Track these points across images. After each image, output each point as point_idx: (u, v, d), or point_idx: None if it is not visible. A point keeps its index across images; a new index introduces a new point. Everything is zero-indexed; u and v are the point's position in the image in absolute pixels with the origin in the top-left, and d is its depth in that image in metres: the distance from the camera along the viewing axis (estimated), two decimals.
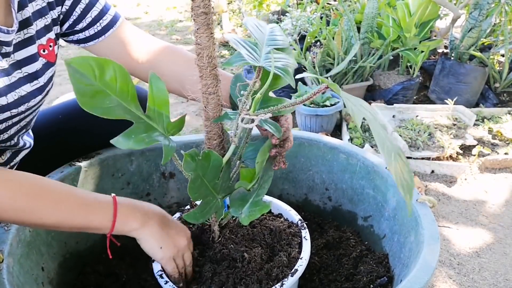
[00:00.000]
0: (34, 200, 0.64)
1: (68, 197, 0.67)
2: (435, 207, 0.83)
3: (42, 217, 0.64)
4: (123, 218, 0.70)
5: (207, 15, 0.60)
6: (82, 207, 0.67)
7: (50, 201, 0.65)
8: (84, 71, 0.55)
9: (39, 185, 0.66)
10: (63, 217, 0.65)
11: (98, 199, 0.70)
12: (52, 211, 0.65)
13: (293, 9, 2.48)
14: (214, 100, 0.68)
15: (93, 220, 0.68)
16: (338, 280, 0.92)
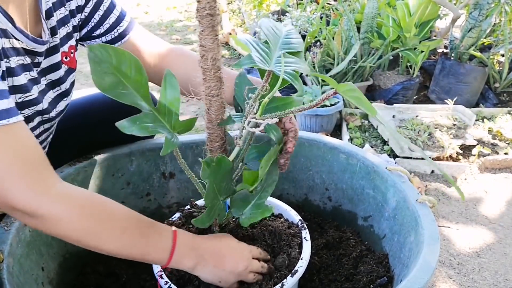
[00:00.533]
0: (100, 224, 0.63)
1: (132, 227, 0.66)
2: (435, 207, 0.83)
3: (104, 242, 0.63)
4: (179, 257, 0.69)
5: (213, 17, 0.59)
6: (143, 239, 0.66)
7: (115, 228, 0.64)
8: (102, 57, 0.57)
9: (108, 209, 0.65)
10: (123, 246, 0.65)
11: (159, 232, 0.68)
12: (114, 239, 0.64)
13: (293, 9, 2.48)
14: (217, 102, 0.68)
15: (150, 253, 0.67)
16: (338, 280, 0.92)
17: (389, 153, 1.76)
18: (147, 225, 0.68)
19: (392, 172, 0.93)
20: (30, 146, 0.61)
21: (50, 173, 0.62)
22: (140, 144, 1.07)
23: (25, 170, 0.58)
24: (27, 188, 0.58)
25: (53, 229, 0.61)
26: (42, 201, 0.59)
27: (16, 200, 0.57)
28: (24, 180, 0.58)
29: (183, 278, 0.77)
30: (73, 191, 0.64)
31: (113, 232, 0.64)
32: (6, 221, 0.76)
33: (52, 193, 0.60)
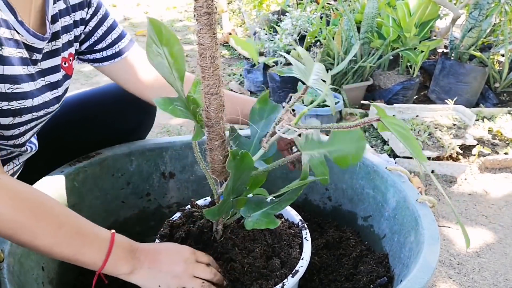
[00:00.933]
0: (36, 218, 0.61)
1: (69, 224, 0.64)
2: (435, 207, 0.83)
3: (37, 237, 0.61)
4: (115, 260, 0.67)
5: (210, 15, 0.59)
6: (79, 238, 0.64)
7: (52, 223, 0.62)
8: (156, 33, 0.62)
9: (47, 204, 0.64)
10: (58, 243, 0.62)
11: (96, 232, 0.67)
12: (49, 234, 0.62)
13: (293, 9, 2.48)
14: (216, 100, 0.68)
15: (85, 253, 0.65)
16: (338, 280, 0.92)
17: (389, 153, 1.76)
18: (84, 225, 0.67)
19: (392, 172, 0.93)
20: None
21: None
22: (140, 144, 1.07)
23: None
24: None
25: None
26: None
27: None
28: None
29: None
30: (13, 184, 0.62)
31: (49, 227, 0.62)
32: None
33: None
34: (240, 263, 0.77)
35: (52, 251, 0.63)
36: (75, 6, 0.86)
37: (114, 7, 5.10)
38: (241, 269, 0.76)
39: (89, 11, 0.89)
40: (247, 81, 2.55)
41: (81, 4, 0.87)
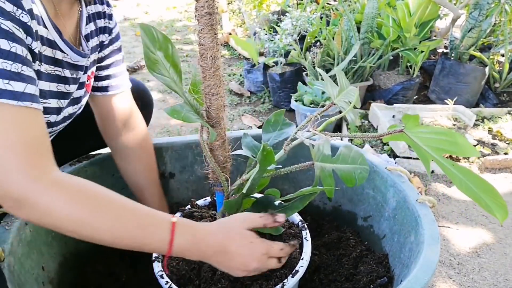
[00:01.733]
0: (93, 213, 0.60)
1: (127, 216, 0.63)
2: (435, 207, 0.83)
3: (97, 232, 0.60)
4: (178, 250, 0.65)
5: (211, 16, 0.60)
6: (139, 231, 0.63)
7: (109, 218, 0.61)
8: (149, 38, 0.63)
9: (103, 197, 0.63)
10: (118, 236, 0.62)
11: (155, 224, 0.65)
12: (108, 228, 0.61)
13: (293, 9, 2.48)
14: (217, 101, 0.68)
15: (147, 245, 0.64)
16: (338, 280, 0.92)
17: (389, 153, 1.76)
18: (143, 216, 0.65)
19: (392, 172, 0.93)
20: (37, 133, 0.60)
21: (49, 161, 0.61)
22: None
23: (28, 154, 0.57)
24: (24, 172, 0.56)
25: (44, 219, 0.58)
26: (36, 187, 0.57)
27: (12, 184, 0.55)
28: (25, 164, 0.56)
29: (184, 277, 0.77)
30: (68, 179, 0.61)
31: (107, 222, 0.61)
32: (7, 220, 0.76)
33: (45, 180, 0.58)
34: None
35: (116, 244, 0.63)
36: (101, 28, 0.90)
37: (114, 7, 5.10)
38: None
39: (109, 38, 0.92)
40: (247, 81, 2.55)
41: (105, 29, 0.91)
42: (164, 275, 0.76)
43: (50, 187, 0.58)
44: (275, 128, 0.87)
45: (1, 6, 0.57)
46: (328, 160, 0.74)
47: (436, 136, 0.55)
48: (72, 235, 0.61)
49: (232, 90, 2.58)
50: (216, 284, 0.75)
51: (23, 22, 0.61)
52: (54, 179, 0.59)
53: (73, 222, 0.59)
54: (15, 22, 0.59)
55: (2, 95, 0.56)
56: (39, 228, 0.82)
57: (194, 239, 0.66)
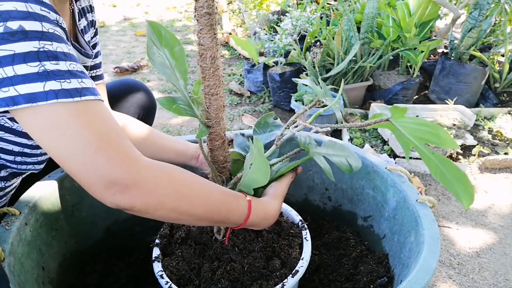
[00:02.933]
0: (191, 188, 0.65)
1: (215, 192, 0.68)
2: (435, 207, 0.83)
3: (194, 206, 0.64)
4: (250, 224, 0.73)
5: (211, 16, 0.59)
6: (225, 205, 0.68)
7: (203, 192, 0.66)
8: (156, 35, 0.63)
9: (193, 176, 0.67)
10: (210, 211, 0.66)
11: (237, 200, 0.71)
12: (203, 202, 0.65)
13: (293, 9, 2.48)
14: (217, 101, 0.68)
15: (230, 219, 0.70)
16: (338, 280, 0.92)
17: (389, 153, 1.76)
18: (227, 192, 0.70)
19: (392, 172, 0.93)
20: (116, 121, 0.63)
21: (134, 147, 0.63)
22: None
23: (118, 140, 0.59)
24: (124, 156, 0.58)
25: (150, 197, 0.60)
26: (139, 167, 0.59)
27: (115, 169, 0.57)
28: (120, 149, 0.59)
29: (184, 277, 0.77)
30: (157, 162, 0.64)
31: (202, 196, 0.65)
32: (7, 220, 0.76)
33: (144, 161, 0.61)
34: (240, 263, 0.77)
35: (205, 218, 0.67)
36: (91, 22, 0.90)
37: (114, 7, 5.11)
38: (241, 269, 0.76)
39: (93, 30, 0.93)
40: (247, 81, 2.55)
41: (93, 22, 0.92)
42: (164, 275, 0.76)
43: (151, 167, 0.61)
44: (265, 130, 0.88)
45: (47, 16, 0.59)
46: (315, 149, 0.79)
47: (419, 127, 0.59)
48: (169, 214, 0.63)
49: (232, 90, 2.58)
50: (216, 284, 0.75)
51: (64, 28, 0.64)
52: (149, 161, 0.62)
53: (176, 198, 0.62)
54: (61, 29, 0.62)
55: (83, 93, 0.58)
56: (39, 228, 0.82)
57: (265, 216, 0.75)
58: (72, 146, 0.56)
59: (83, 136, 0.56)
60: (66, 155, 0.57)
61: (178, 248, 0.82)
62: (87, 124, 0.57)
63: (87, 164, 0.56)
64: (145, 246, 1.06)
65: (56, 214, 0.88)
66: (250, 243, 0.81)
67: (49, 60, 0.56)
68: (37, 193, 0.84)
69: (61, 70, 0.57)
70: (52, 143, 0.57)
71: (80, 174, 0.58)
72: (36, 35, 0.56)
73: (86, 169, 0.57)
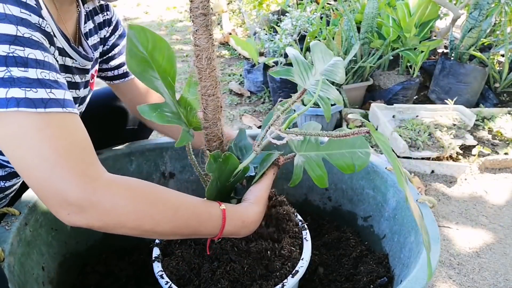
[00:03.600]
0: (154, 205, 0.62)
1: (183, 207, 0.65)
2: (435, 207, 0.83)
3: (159, 224, 0.62)
4: (227, 234, 0.71)
5: (206, 16, 0.59)
6: (195, 219, 0.66)
7: (168, 209, 0.63)
8: (139, 39, 0.61)
9: (158, 191, 0.65)
10: (177, 226, 0.64)
11: (209, 211, 0.68)
12: (168, 219, 0.63)
13: (293, 9, 2.48)
14: (214, 102, 0.68)
15: (202, 231, 0.68)
16: (338, 280, 0.92)
17: None
18: (197, 205, 0.68)
19: (392, 172, 0.93)
20: (84, 136, 0.61)
21: (98, 164, 0.62)
22: (140, 144, 1.07)
23: (79, 157, 0.57)
24: (81, 175, 0.56)
25: (107, 218, 0.58)
26: (95, 187, 0.57)
27: (70, 188, 0.55)
28: (78, 167, 0.56)
29: (184, 277, 0.77)
30: (120, 178, 0.63)
31: (167, 213, 0.63)
32: (7, 220, 0.76)
33: (103, 179, 0.59)
34: (240, 264, 0.77)
35: (174, 234, 0.65)
36: (100, 24, 0.89)
37: (114, 7, 5.11)
38: (240, 270, 0.76)
39: (109, 29, 0.92)
40: (247, 81, 2.55)
41: (105, 22, 0.90)
42: (164, 275, 0.76)
43: (110, 185, 0.59)
44: None
45: (27, 19, 0.57)
46: (317, 148, 0.72)
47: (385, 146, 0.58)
48: (133, 232, 0.61)
49: (232, 90, 2.58)
50: (216, 284, 0.75)
51: (47, 32, 0.62)
52: (109, 179, 0.60)
53: (137, 217, 0.60)
54: (42, 33, 0.60)
55: (49, 105, 0.56)
56: (39, 228, 0.82)
57: (243, 224, 0.71)
58: (28, 160, 0.55)
59: (41, 151, 0.54)
60: (21, 167, 0.56)
61: (178, 248, 0.82)
62: (48, 138, 0.55)
63: (42, 180, 0.55)
64: (145, 246, 1.06)
65: None
66: (249, 243, 0.81)
67: (17, 66, 0.54)
68: None
69: (29, 78, 0.55)
70: (9, 153, 0.55)
71: (35, 188, 0.56)
72: (7, 39, 0.54)
73: (40, 185, 0.55)
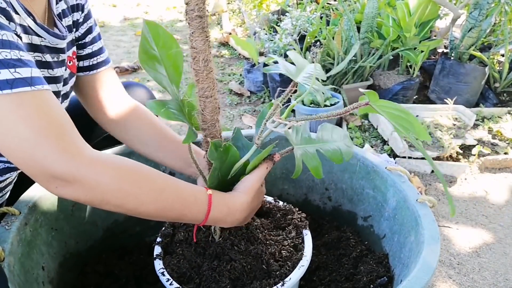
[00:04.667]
0: (138, 185, 0.62)
1: (169, 188, 0.66)
2: (435, 207, 0.83)
3: (142, 204, 0.62)
4: (213, 220, 0.70)
5: (202, 19, 0.59)
6: (180, 202, 0.66)
7: (153, 189, 0.63)
8: (152, 35, 0.62)
9: (144, 170, 0.64)
10: (161, 208, 0.64)
11: (194, 195, 0.68)
12: (153, 200, 0.63)
13: (293, 9, 2.48)
14: (211, 103, 0.68)
15: (186, 215, 0.67)
16: (338, 280, 0.92)
17: (389, 153, 1.76)
18: (182, 188, 0.68)
19: (392, 172, 0.93)
20: (61, 113, 0.60)
21: (80, 138, 0.61)
22: None
23: (59, 134, 0.57)
24: (63, 151, 0.56)
25: (92, 193, 0.59)
26: (79, 164, 0.57)
27: (54, 165, 0.56)
28: (59, 144, 0.56)
29: (184, 275, 0.77)
30: (106, 155, 0.62)
31: (151, 193, 0.63)
32: (7, 220, 0.76)
33: (86, 156, 0.58)
34: (240, 263, 0.77)
35: (157, 216, 0.65)
36: (73, 6, 0.87)
37: (114, 7, 5.10)
38: (241, 269, 0.76)
39: (82, 15, 0.90)
40: (247, 81, 2.55)
41: (78, 6, 0.88)
42: (165, 273, 0.76)
43: (94, 162, 0.59)
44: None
45: None
46: (309, 142, 0.75)
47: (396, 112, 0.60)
48: (117, 210, 0.62)
49: (232, 90, 2.57)
50: (217, 282, 0.75)
51: (3, 8, 0.60)
52: (94, 155, 0.60)
53: (121, 195, 0.60)
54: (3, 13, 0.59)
55: (15, 85, 0.55)
56: (39, 228, 0.82)
57: (229, 210, 0.71)
58: (8, 142, 0.55)
59: (18, 132, 0.55)
60: (4, 150, 0.56)
61: (178, 247, 0.82)
62: (22, 118, 0.55)
63: (26, 160, 0.55)
64: (145, 246, 1.06)
65: (56, 214, 0.88)
66: (249, 242, 0.81)
67: None
68: (37, 193, 0.84)
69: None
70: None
71: (22, 167, 0.57)
72: None
73: (26, 164, 0.56)
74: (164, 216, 0.66)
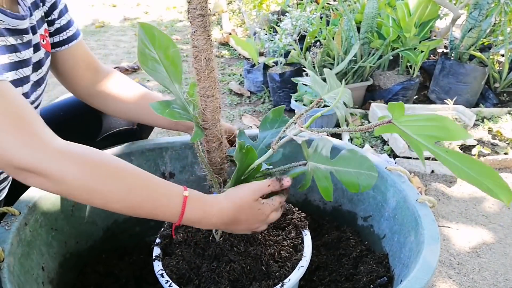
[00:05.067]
0: (104, 182, 0.60)
1: (138, 187, 0.63)
2: (435, 207, 0.83)
3: (109, 201, 0.61)
4: (187, 222, 0.68)
5: (204, 17, 0.59)
6: (150, 202, 0.64)
7: (120, 187, 0.61)
8: (148, 37, 0.62)
9: (113, 166, 0.62)
10: (130, 206, 0.62)
11: (167, 196, 0.65)
12: (120, 198, 0.61)
13: (293, 9, 2.48)
14: (213, 103, 0.68)
15: (158, 215, 0.65)
16: (338, 280, 0.92)
17: (389, 153, 1.76)
18: (155, 187, 0.65)
19: (392, 172, 0.93)
20: (21, 104, 0.58)
21: (46, 129, 0.59)
22: (140, 144, 1.07)
23: (20, 126, 0.56)
24: (25, 144, 0.55)
25: (58, 187, 0.58)
26: (42, 156, 0.56)
27: (16, 157, 0.55)
28: (20, 136, 0.55)
29: (184, 277, 0.77)
30: (74, 147, 0.60)
31: (118, 191, 0.61)
32: (7, 220, 0.76)
33: (50, 149, 0.57)
34: (239, 264, 0.77)
35: (128, 213, 0.64)
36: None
37: (114, 7, 5.11)
38: (240, 270, 0.76)
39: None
40: (247, 81, 2.55)
41: None
42: (165, 274, 0.76)
43: (59, 155, 0.57)
44: (273, 126, 0.85)
45: None
46: (325, 162, 0.72)
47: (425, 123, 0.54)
48: (87, 203, 0.61)
49: (232, 90, 2.57)
50: (216, 283, 0.75)
51: None
52: (60, 147, 0.58)
53: (85, 192, 0.59)
54: None
55: None
56: (39, 228, 0.82)
57: (204, 214, 0.68)
58: None
59: None
60: None
61: (178, 248, 0.82)
62: None
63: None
64: (145, 246, 1.06)
65: (56, 214, 0.88)
66: (248, 243, 0.81)
67: None
68: (37, 193, 0.84)
69: None
70: None
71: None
72: None
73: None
74: (134, 214, 0.64)
